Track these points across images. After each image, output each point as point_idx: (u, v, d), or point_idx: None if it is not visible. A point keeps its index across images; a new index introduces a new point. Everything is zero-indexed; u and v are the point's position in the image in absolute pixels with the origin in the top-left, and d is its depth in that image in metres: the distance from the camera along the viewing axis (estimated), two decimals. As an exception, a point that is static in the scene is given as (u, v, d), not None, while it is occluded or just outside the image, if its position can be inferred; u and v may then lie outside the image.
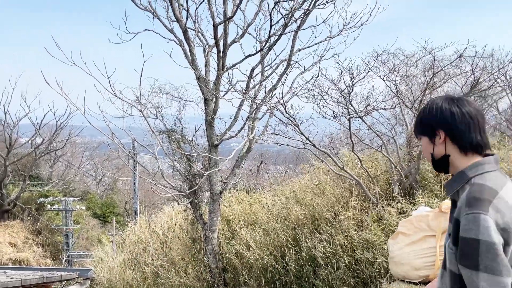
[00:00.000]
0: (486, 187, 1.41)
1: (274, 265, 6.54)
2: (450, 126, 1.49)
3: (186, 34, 7.82)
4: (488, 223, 1.33)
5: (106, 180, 33.12)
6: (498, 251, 1.32)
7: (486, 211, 1.35)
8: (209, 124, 8.02)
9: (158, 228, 10.36)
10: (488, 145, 1.50)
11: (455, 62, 7.62)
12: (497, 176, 1.45)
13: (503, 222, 1.35)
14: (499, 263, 1.32)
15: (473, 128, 1.47)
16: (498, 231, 1.34)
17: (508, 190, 1.42)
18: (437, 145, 1.52)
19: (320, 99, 7.77)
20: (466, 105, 1.49)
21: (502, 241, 1.34)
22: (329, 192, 6.80)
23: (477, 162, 1.47)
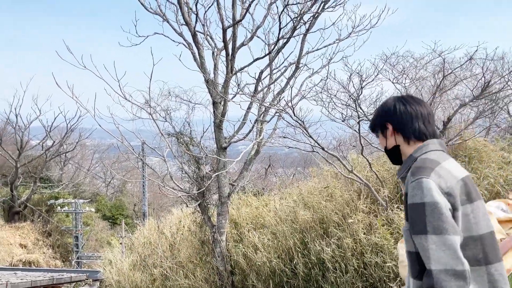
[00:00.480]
0: (428, 159, 1.52)
1: (282, 268, 6.53)
2: (395, 119, 1.62)
3: (195, 38, 7.86)
4: (430, 185, 1.41)
5: (115, 182, 33.36)
6: (442, 210, 1.38)
7: (428, 175, 1.43)
8: (218, 127, 8.05)
9: (166, 230, 10.39)
10: (433, 134, 1.60)
11: (466, 64, 7.57)
12: (440, 154, 1.55)
13: (446, 187, 1.43)
14: (444, 221, 1.37)
15: (416, 119, 1.59)
16: (442, 194, 1.41)
17: (450, 164, 1.51)
18: (388, 137, 1.66)
19: (329, 102, 7.76)
20: (410, 101, 1.63)
21: (449, 206, 1.41)
22: (338, 195, 6.77)
23: (422, 145, 1.59)
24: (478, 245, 1.45)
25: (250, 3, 7.53)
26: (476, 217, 1.47)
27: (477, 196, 1.51)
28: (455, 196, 1.43)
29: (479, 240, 1.45)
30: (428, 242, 1.38)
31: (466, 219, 1.45)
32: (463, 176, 1.50)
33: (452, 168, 1.50)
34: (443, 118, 7.33)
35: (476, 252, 1.44)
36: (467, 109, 8.32)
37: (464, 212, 1.45)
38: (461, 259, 1.35)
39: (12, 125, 23.12)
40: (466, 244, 1.44)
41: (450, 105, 8.01)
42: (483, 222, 1.48)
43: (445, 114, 7.46)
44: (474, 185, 1.55)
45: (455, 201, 1.43)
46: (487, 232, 1.48)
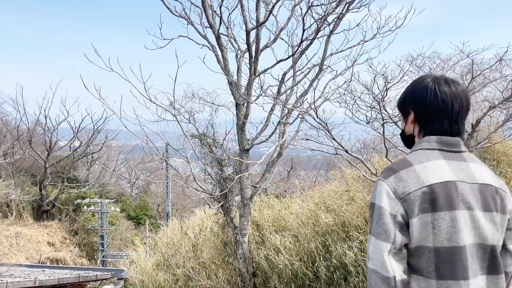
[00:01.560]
0: (402, 159, 1.46)
1: (304, 271, 6.49)
2: (419, 109, 1.49)
3: (219, 40, 7.92)
4: (381, 188, 1.39)
5: (140, 182, 33.95)
6: (382, 215, 1.36)
7: (385, 178, 1.40)
8: (240, 129, 8.08)
9: (189, 231, 10.50)
10: (457, 133, 1.46)
11: (495, 65, 7.35)
12: (428, 154, 1.44)
13: (402, 192, 1.37)
14: (380, 226, 1.36)
15: (443, 116, 1.45)
16: (395, 199, 1.37)
17: (431, 167, 1.40)
18: (408, 123, 1.56)
19: (353, 104, 7.67)
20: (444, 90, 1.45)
21: (401, 211, 1.36)
22: (359, 198, 6.68)
23: (418, 141, 1.50)
24: (431, 257, 1.36)
25: (274, 4, 7.54)
26: (437, 227, 1.35)
27: (454, 207, 1.36)
28: (412, 203, 1.35)
29: (433, 252, 1.36)
30: (369, 242, 1.41)
31: (424, 228, 1.36)
32: (438, 181, 1.36)
33: (428, 171, 1.38)
34: (471, 121, 7.14)
35: (428, 263, 1.37)
36: (497, 112, 8.07)
37: (424, 221, 1.35)
38: (386, 266, 1.34)
39: (42, 126, 23.91)
40: (421, 252, 1.37)
41: (479, 107, 7.79)
42: (449, 235, 1.35)
43: (474, 117, 7.26)
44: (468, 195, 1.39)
45: (411, 208, 1.35)
46: (449, 247, 1.35)
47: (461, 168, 1.42)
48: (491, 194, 1.42)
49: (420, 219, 1.36)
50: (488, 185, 1.43)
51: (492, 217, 1.41)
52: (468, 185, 1.40)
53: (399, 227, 1.37)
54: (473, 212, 1.38)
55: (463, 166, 1.43)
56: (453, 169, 1.41)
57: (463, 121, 1.47)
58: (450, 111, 1.44)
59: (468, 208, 1.38)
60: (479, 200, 1.40)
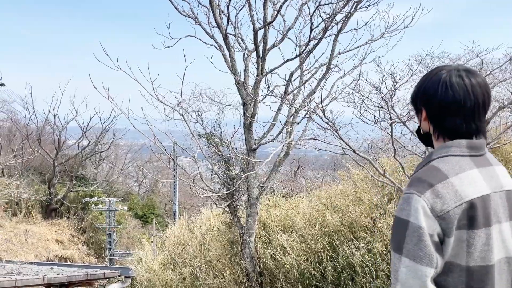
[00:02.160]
0: (435, 169, 1.32)
1: (311, 271, 6.47)
2: (430, 106, 1.38)
3: (227, 40, 7.93)
4: (418, 205, 1.25)
5: (147, 181, 34.13)
6: (423, 236, 1.24)
7: (421, 193, 1.26)
8: (248, 128, 8.08)
9: (196, 230, 10.53)
10: (476, 131, 1.33)
11: (505, 65, 7.26)
12: (460, 161, 1.32)
13: (441, 210, 1.25)
14: (421, 249, 1.24)
15: (455, 113, 1.32)
16: (432, 217, 1.25)
17: (467, 178, 1.29)
18: (422, 121, 1.45)
19: (361, 103, 7.63)
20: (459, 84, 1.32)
21: (438, 230, 1.25)
22: (366, 198, 6.65)
23: (445, 144, 1.36)
24: (462, 276, 1.28)
25: (282, 4, 7.53)
26: (472, 246, 1.27)
27: (489, 223, 1.28)
28: (451, 221, 1.25)
29: (465, 271, 1.28)
30: (400, 264, 1.27)
31: (459, 245, 1.27)
32: (475, 196, 1.27)
33: (465, 184, 1.27)
34: (480, 121, 7.05)
35: (458, 282, 1.29)
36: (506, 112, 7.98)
37: (458, 238, 1.27)
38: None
39: (51, 125, 24.16)
40: (450, 270, 1.29)
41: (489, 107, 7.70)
42: (483, 253, 1.28)
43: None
44: (498, 206, 1.30)
45: (449, 227, 1.25)
46: (482, 266, 1.28)
47: (490, 175, 1.34)
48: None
49: (456, 235, 1.27)
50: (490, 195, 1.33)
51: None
52: (498, 194, 1.32)
53: (435, 247, 1.27)
54: (501, 225, 1.31)
55: (491, 172, 1.35)
56: (486, 179, 1.32)
57: (481, 118, 1.34)
58: (463, 107, 1.31)
59: (498, 221, 1.31)
60: (506, 209, 1.33)
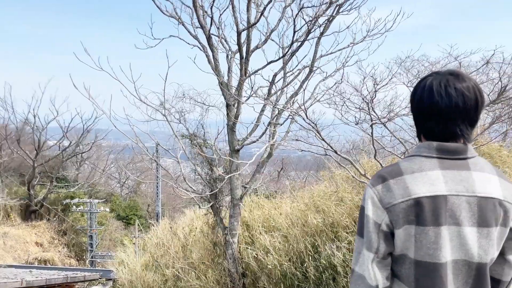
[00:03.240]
0: (395, 166, 1.42)
1: (293, 271, 6.52)
2: (412, 110, 1.47)
3: (210, 40, 7.94)
4: (368, 195, 1.40)
5: (130, 183, 33.76)
6: (368, 223, 1.38)
7: (373, 185, 1.40)
8: (231, 129, 8.10)
9: (179, 231, 10.47)
10: (451, 135, 1.36)
11: (482, 68, 7.47)
12: (423, 162, 1.37)
13: (388, 202, 1.35)
14: (365, 235, 1.38)
15: (431, 115, 1.36)
16: (381, 208, 1.36)
17: (422, 178, 1.34)
18: None
19: (342, 105, 7.73)
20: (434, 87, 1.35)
21: (387, 220, 1.36)
22: (348, 199, 6.74)
23: (417, 145, 1.46)
24: (411, 268, 1.37)
25: (265, 6, 7.57)
26: (420, 241, 1.33)
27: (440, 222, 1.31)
28: (397, 214, 1.33)
29: (414, 264, 1.36)
30: (363, 247, 1.40)
31: (408, 239, 1.35)
32: (425, 195, 1.31)
33: (417, 183, 1.32)
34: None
35: (409, 273, 1.38)
36: (484, 114, 8.19)
37: (408, 232, 1.34)
38: (370, 274, 1.38)
39: (30, 126, 23.68)
40: (403, 261, 1.38)
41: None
42: (432, 251, 1.33)
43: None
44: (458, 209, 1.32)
45: (396, 219, 1.34)
46: (431, 262, 1.33)
47: (460, 179, 1.34)
48: (491, 207, 1.34)
49: (405, 230, 1.34)
50: (489, 198, 1.34)
51: (488, 233, 1.34)
52: (464, 198, 1.33)
53: (383, 236, 1.37)
54: (461, 228, 1.33)
55: (464, 176, 1.35)
56: (448, 181, 1.33)
57: (460, 122, 1.34)
58: (439, 111, 1.33)
59: (456, 224, 1.33)
60: (475, 214, 1.33)
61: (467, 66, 7.73)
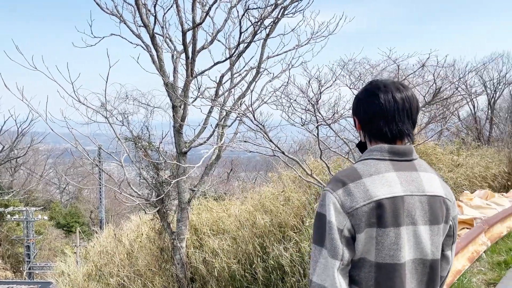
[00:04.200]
0: (352, 170, 1.41)
1: (242, 273, 6.48)
2: (359, 114, 1.48)
3: (154, 40, 7.71)
4: (330, 201, 1.34)
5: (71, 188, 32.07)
6: (331, 230, 1.33)
7: (333, 190, 1.35)
8: (178, 131, 7.91)
9: (124, 238, 10.09)
10: (398, 134, 1.42)
11: (418, 71, 7.88)
12: (378, 164, 1.40)
13: (350, 207, 1.33)
14: (330, 242, 1.32)
15: (380, 117, 1.41)
16: (343, 213, 1.33)
17: (380, 180, 1.37)
18: (358, 130, 1.52)
19: (289, 106, 7.83)
20: (377, 91, 1.43)
21: (349, 225, 1.33)
22: (295, 198, 6.83)
23: (369, 149, 1.45)
24: (372, 271, 1.36)
25: (210, 6, 7.48)
26: (381, 243, 1.34)
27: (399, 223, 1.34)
28: (359, 218, 1.32)
29: (375, 267, 1.35)
30: (321, 255, 1.34)
31: (369, 242, 1.34)
32: (385, 196, 1.34)
33: (376, 185, 1.35)
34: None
35: (368, 277, 1.36)
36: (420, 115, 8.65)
37: (369, 235, 1.34)
38: (335, 284, 1.32)
39: (-43, 129, 21.73)
40: (363, 265, 1.37)
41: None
42: (392, 252, 1.35)
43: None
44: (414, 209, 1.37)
45: (358, 223, 1.33)
46: (390, 264, 1.35)
47: (411, 179, 1.39)
48: (439, 205, 1.41)
49: (366, 233, 1.33)
50: (436, 196, 1.41)
51: (438, 230, 1.40)
52: (417, 197, 1.38)
53: (345, 242, 1.33)
54: (417, 227, 1.37)
55: (414, 176, 1.40)
56: (402, 182, 1.38)
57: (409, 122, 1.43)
58: (385, 112, 1.41)
59: (413, 223, 1.36)
60: (427, 213, 1.38)
61: (405, 69, 8.13)
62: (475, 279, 4.83)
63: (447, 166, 7.81)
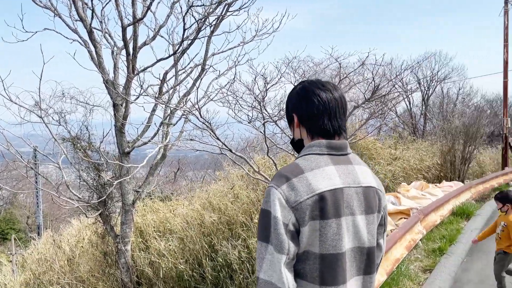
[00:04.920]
0: (294, 165, 1.44)
1: (190, 273, 6.39)
2: (299, 110, 1.52)
3: (92, 35, 7.36)
4: (275, 197, 1.36)
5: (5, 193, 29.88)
6: (277, 225, 1.34)
7: (278, 186, 1.38)
8: (119, 130, 7.62)
9: (64, 243, 9.60)
10: (338, 130, 1.50)
11: (358, 69, 8.20)
12: (318, 159, 1.45)
13: (295, 201, 1.36)
14: (276, 237, 1.34)
15: (322, 113, 1.48)
16: (288, 208, 1.35)
17: (321, 173, 1.42)
18: (295, 128, 1.55)
19: (235, 103, 7.82)
20: (317, 90, 1.51)
21: (293, 220, 1.36)
22: (243, 195, 6.85)
23: (308, 145, 1.50)
24: (316, 263, 1.39)
25: (152, 1, 7.26)
26: (324, 235, 1.38)
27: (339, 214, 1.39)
28: (304, 211, 1.35)
29: (319, 258, 1.38)
30: (267, 252, 1.35)
31: (313, 234, 1.37)
32: (325, 189, 1.38)
33: (318, 179, 1.39)
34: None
35: (313, 269, 1.39)
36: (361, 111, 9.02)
37: (312, 227, 1.37)
38: (282, 279, 1.33)
39: None
40: (307, 258, 1.39)
41: (346, 107, 8.59)
42: (334, 242, 1.39)
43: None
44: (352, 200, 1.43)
45: (302, 217, 1.35)
46: (333, 254, 1.40)
47: (348, 172, 1.46)
48: (373, 195, 1.49)
49: (310, 226, 1.36)
50: (370, 187, 1.49)
51: (373, 219, 1.49)
52: (354, 189, 1.44)
53: (290, 237, 1.35)
54: (355, 217, 1.43)
55: (350, 169, 1.47)
56: (341, 175, 1.44)
57: (343, 119, 1.53)
58: (328, 109, 1.48)
59: (351, 213, 1.42)
60: (363, 203, 1.46)
61: (346, 67, 8.42)
62: (412, 266, 5.11)
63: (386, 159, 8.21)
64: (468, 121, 13.27)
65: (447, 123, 14.39)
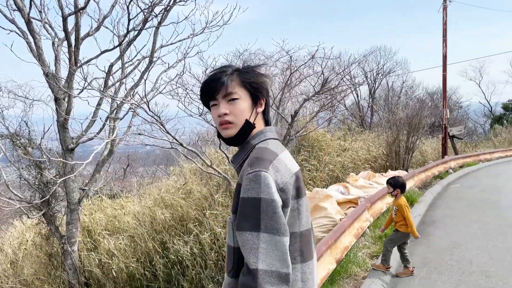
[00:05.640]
0: (267, 149, 1.42)
1: (141, 272, 6.23)
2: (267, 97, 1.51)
3: (30, 25, 6.91)
4: (268, 180, 1.31)
5: None
6: (276, 209, 1.30)
7: (266, 169, 1.34)
8: (62, 126, 7.24)
9: (6, 246, 9.05)
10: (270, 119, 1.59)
11: (308, 62, 8.32)
12: (276, 143, 1.49)
13: (281, 182, 1.35)
14: (277, 221, 1.30)
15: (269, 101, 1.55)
16: (278, 190, 1.34)
17: (286, 156, 1.46)
18: (258, 113, 1.50)
19: (185, 96, 7.68)
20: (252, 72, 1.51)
21: (281, 202, 1.34)
22: (196, 191, 6.76)
23: (260, 131, 1.48)
24: (297, 242, 1.39)
25: (95, -10, 6.93)
26: (301, 213, 1.41)
27: (305, 192, 1.46)
28: (288, 192, 1.36)
29: (299, 237, 1.39)
30: (260, 240, 1.28)
31: (291, 215, 1.38)
32: (296, 170, 1.44)
33: (288, 161, 1.42)
34: (291, 112, 7.92)
35: (294, 249, 1.38)
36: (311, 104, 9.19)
37: (292, 207, 1.38)
38: (287, 262, 1.29)
39: None
40: (290, 241, 1.36)
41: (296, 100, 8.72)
42: (305, 218, 1.44)
43: (293, 108, 8.09)
44: (302, 180, 1.53)
45: (287, 197, 1.36)
46: (307, 229, 1.44)
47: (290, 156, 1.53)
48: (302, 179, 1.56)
49: (292, 205, 1.38)
50: (299, 171, 1.54)
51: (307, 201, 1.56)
52: (299, 172, 1.51)
53: None
54: (306, 197, 1.51)
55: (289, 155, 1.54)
56: (292, 159, 1.50)
57: None
58: None
59: (305, 194, 1.49)
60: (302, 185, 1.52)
61: (296, 60, 8.51)
62: (360, 253, 5.30)
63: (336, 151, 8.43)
64: (411, 112, 13.92)
65: (392, 115, 15.03)
